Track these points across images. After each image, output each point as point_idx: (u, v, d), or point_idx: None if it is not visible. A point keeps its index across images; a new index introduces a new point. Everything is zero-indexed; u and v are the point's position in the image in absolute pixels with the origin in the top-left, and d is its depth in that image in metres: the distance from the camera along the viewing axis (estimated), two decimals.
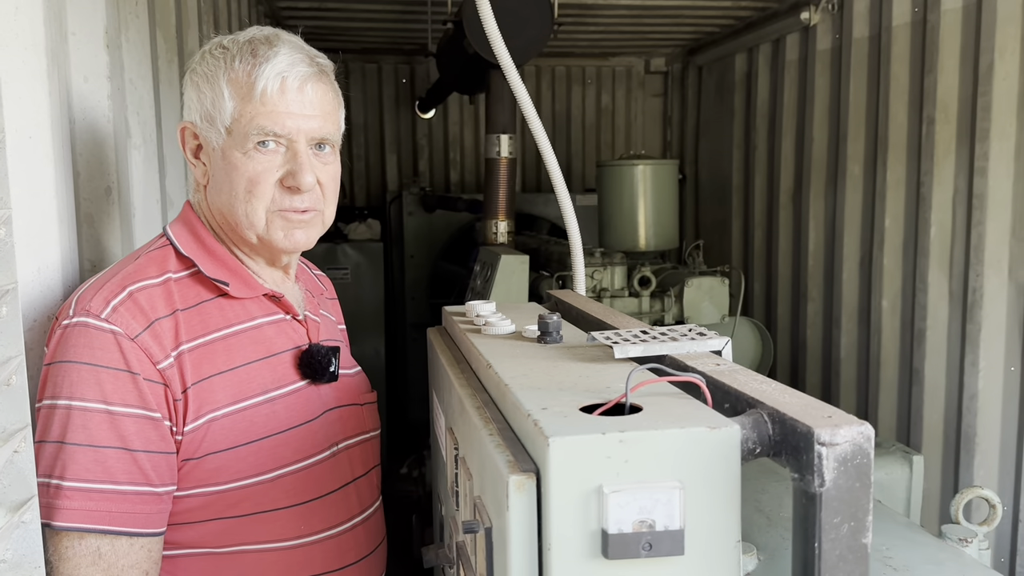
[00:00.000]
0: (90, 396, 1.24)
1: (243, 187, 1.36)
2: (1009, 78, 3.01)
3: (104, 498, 1.23)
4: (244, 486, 1.36)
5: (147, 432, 1.27)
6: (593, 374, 1.07)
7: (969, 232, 3.18)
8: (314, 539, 1.44)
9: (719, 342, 1.13)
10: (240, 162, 1.36)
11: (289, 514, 1.41)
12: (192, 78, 1.39)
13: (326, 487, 1.46)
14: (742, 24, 4.73)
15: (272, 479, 1.38)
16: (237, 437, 1.35)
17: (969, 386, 3.20)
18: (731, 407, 0.94)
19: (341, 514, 1.49)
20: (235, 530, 1.37)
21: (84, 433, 1.23)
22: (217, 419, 1.34)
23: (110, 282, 1.31)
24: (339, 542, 1.48)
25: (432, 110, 5.41)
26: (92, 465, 1.23)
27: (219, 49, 1.38)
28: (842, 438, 0.78)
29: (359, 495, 1.53)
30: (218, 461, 1.34)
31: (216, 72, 1.36)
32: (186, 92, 1.41)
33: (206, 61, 1.38)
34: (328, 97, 1.42)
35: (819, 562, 0.79)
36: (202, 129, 1.38)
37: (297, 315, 1.50)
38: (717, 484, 0.83)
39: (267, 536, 1.39)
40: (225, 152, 1.37)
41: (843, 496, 0.78)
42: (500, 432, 0.97)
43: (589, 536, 0.82)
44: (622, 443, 0.82)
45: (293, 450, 1.41)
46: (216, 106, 1.35)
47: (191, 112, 1.40)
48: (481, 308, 1.48)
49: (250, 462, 1.36)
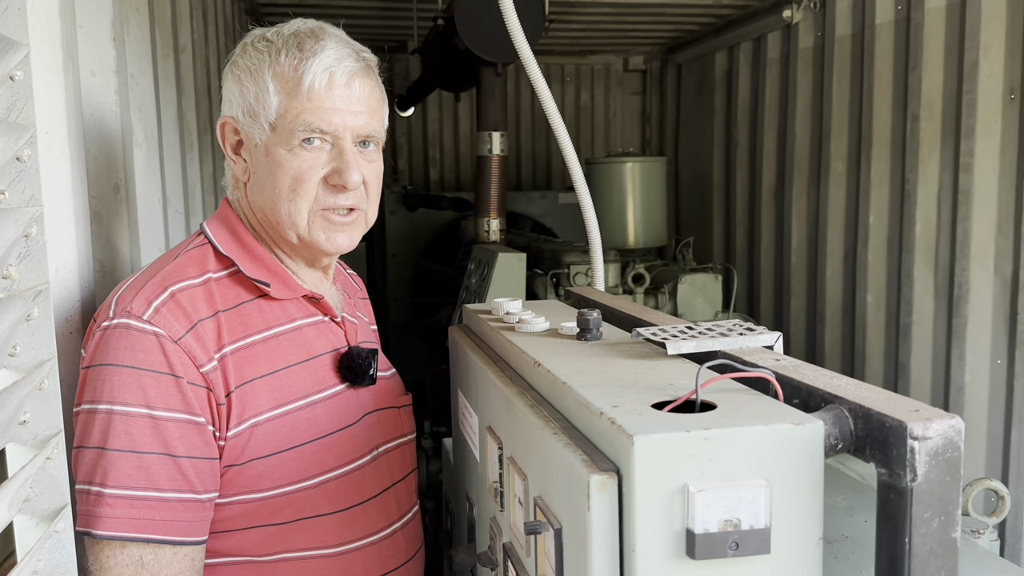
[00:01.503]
0: (132, 400, 1.20)
1: (287, 185, 1.32)
2: (994, 75, 3.05)
3: (147, 506, 1.19)
4: (286, 492, 1.33)
5: (191, 437, 1.23)
6: (650, 371, 1.05)
7: (955, 227, 3.22)
8: (356, 546, 1.41)
9: (771, 337, 1.12)
10: (284, 159, 1.32)
11: (331, 520, 1.38)
12: (233, 71, 1.35)
13: (368, 492, 1.44)
14: (723, 22, 4.75)
15: (315, 485, 1.35)
16: (279, 442, 1.32)
17: (956, 379, 3.25)
18: (802, 403, 0.93)
19: (382, 520, 1.46)
20: (277, 538, 1.34)
21: (126, 439, 1.19)
22: (260, 424, 1.30)
23: (151, 282, 1.27)
24: (380, 548, 1.45)
25: (412, 108, 5.37)
26: (135, 472, 1.19)
27: (262, 42, 1.33)
28: (934, 432, 0.77)
29: (398, 500, 1.51)
30: (260, 467, 1.30)
31: (260, 66, 1.32)
32: (226, 85, 1.36)
33: (248, 54, 1.33)
34: (375, 93, 1.40)
35: (910, 557, 0.78)
36: (244, 124, 1.34)
37: (336, 317, 1.47)
38: (801, 481, 0.82)
39: (309, 543, 1.36)
40: (269, 148, 1.33)
41: (934, 490, 0.77)
42: (565, 431, 0.95)
43: (674, 536, 0.81)
44: (707, 440, 0.80)
45: (335, 455, 1.38)
46: (260, 101, 1.31)
47: (231, 106, 1.35)
48: (509, 305, 1.46)
49: (292, 468, 1.33)
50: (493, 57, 3.10)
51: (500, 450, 1.19)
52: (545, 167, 5.80)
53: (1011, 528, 3.09)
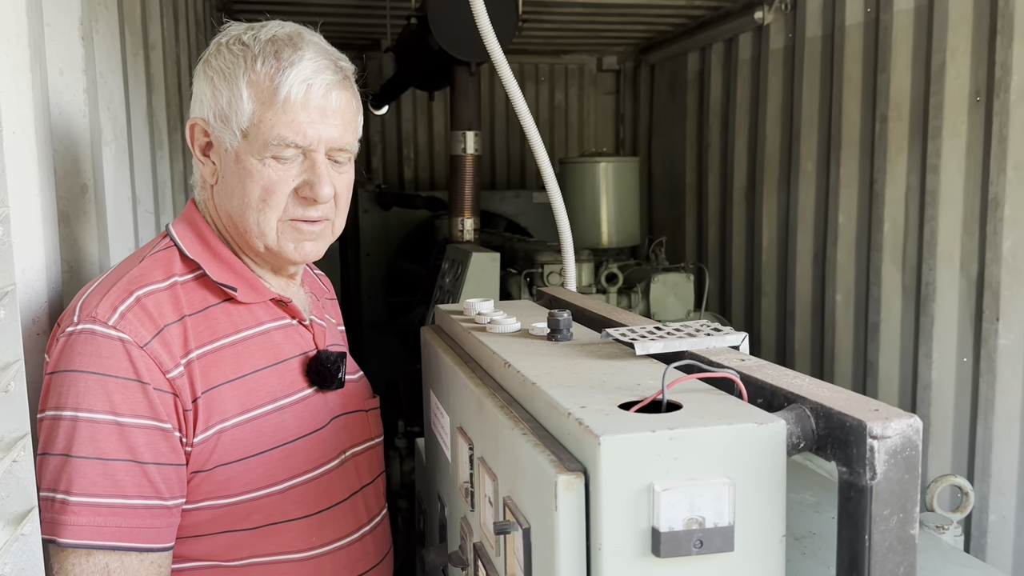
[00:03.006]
0: (98, 407, 1.18)
1: (257, 195, 1.30)
2: (960, 77, 3.10)
3: (113, 513, 1.18)
4: (254, 498, 1.32)
5: (157, 443, 1.22)
6: (618, 371, 1.06)
7: (922, 227, 3.27)
8: (325, 550, 1.41)
9: (737, 337, 1.14)
10: (256, 169, 1.29)
11: (300, 525, 1.37)
12: (206, 71, 1.32)
13: (336, 496, 1.43)
14: (695, 23, 4.79)
15: (283, 490, 1.35)
16: (247, 448, 1.31)
17: (923, 377, 3.30)
18: (765, 402, 0.95)
19: (351, 524, 1.45)
20: (245, 543, 1.33)
21: (92, 445, 1.18)
22: (226, 430, 1.29)
23: (116, 287, 1.25)
24: (349, 552, 1.44)
25: (386, 107, 5.35)
26: (100, 479, 1.18)
27: (238, 45, 1.30)
28: (893, 431, 0.79)
29: (367, 504, 1.51)
30: (228, 473, 1.30)
31: (235, 70, 1.29)
32: (197, 85, 1.34)
33: (223, 56, 1.30)
34: (351, 105, 1.37)
35: (869, 553, 0.80)
36: (215, 127, 1.31)
37: (304, 320, 1.46)
38: (764, 479, 0.84)
39: (278, 548, 1.35)
40: (239, 155, 1.30)
41: (893, 488, 0.79)
42: (534, 431, 0.96)
43: (639, 535, 0.82)
44: (672, 440, 0.82)
45: (303, 460, 1.37)
46: (233, 106, 1.29)
47: (202, 107, 1.33)
48: (481, 306, 1.46)
49: (260, 473, 1.32)
50: (466, 56, 3.11)
51: (471, 450, 1.20)
52: (520, 166, 5.82)
53: (976, 523, 3.15)
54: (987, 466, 3.09)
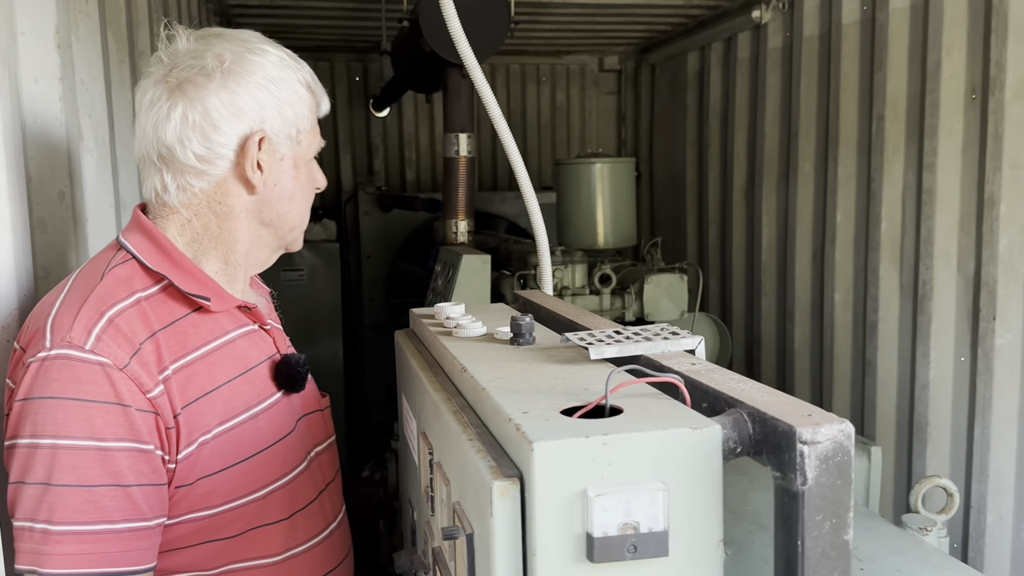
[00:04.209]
0: (79, 433, 1.17)
1: (308, 195, 1.48)
2: (956, 76, 3.08)
3: (99, 539, 1.18)
4: (237, 506, 1.33)
5: (139, 465, 1.22)
6: (570, 376, 1.07)
7: (919, 226, 3.25)
8: (300, 550, 1.43)
9: (692, 341, 1.14)
10: (309, 172, 1.47)
11: (278, 528, 1.39)
12: (254, 78, 1.34)
13: (307, 497, 1.45)
14: (694, 23, 4.77)
15: (263, 496, 1.36)
16: (227, 458, 1.32)
17: (921, 376, 3.28)
18: (709, 407, 0.94)
19: (320, 523, 1.48)
20: (226, 551, 1.34)
21: (74, 473, 1.17)
22: (207, 442, 1.30)
23: (84, 308, 1.23)
24: (320, 550, 1.47)
25: (387, 108, 5.37)
26: (84, 506, 1.17)
27: (272, 53, 1.37)
28: (823, 436, 0.78)
29: (332, 502, 1.53)
30: (210, 484, 1.30)
31: (285, 76, 1.37)
32: (255, 94, 1.33)
33: (260, 64, 1.35)
34: None
35: (802, 559, 0.80)
36: (275, 135, 1.37)
37: (265, 324, 1.47)
38: (699, 484, 0.84)
39: (257, 553, 1.37)
40: (296, 161, 1.42)
41: (825, 494, 0.79)
42: (480, 437, 0.97)
43: (574, 540, 0.82)
44: (606, 446, 0.82)
45: (279, 464, 1.39)
46: (296, 112, 1.39)
47: (259, 118, 1.34)
48: (451, 310, 1.47)
49: (241, 482, 1.33)
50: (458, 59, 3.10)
51: (431, 455, 1.20)
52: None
53: (974, 524, 3.12)
54: (985, 466, 3.06)
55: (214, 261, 1.40)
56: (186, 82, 1.32)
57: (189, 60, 1.34)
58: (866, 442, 2.47)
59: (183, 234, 1.38)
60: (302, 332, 4.91)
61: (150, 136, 1.34)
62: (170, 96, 1.32)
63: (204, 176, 1.35)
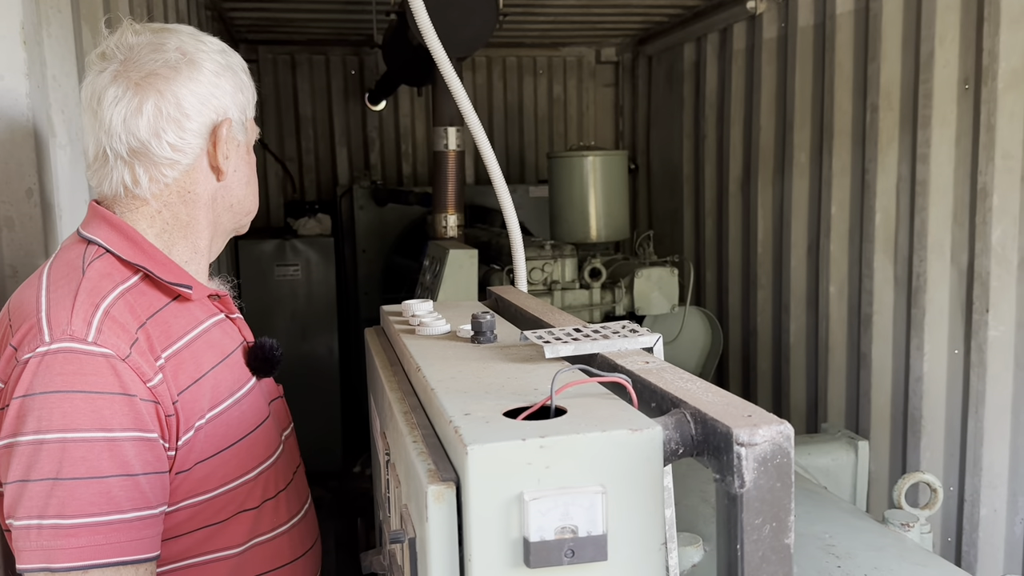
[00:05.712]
0: (88, 425, 1.17)
1: (253, 176, 1.50)
2: (949, 66, 3.05)
3: (112, 530, 1.18)
4: (229, 489, 1.36)
5: (145, 454, 1.22)
6: (522, 375, 1.05)
7: (912, 218, 3.22)
8: (282, 529, 1.47)
9: (650, 339, 1.12)
10: (252, 155, 1.49)
11: (264, 509, 1.43)
12: (219, 65, 1.38)
13: (287, 477, 1.50)
14: (690, 14, 4.74)
15: (253, 477, 1.40)
16: (219, 442, 1.34)
17: (915, 369, 3.25)
18: (657, 407, 0.93)
19: (297, 502, 1.52)
20: (218, 535, 1.36)
21: (84, 465, 1.16)
22: (202, 427, 1.32)
23: (78, 300, 1.23)
24: (300, 529, 1.51)
25: (383, 102, 5.34)
26: (96, 497, 1.17)
27: (212, 44, 1.39)
28: (761, 438, 0.77)
29: (303, 482, 1.57)
30: (206, 469, 1.32)
31: (233, 63, 1.41)
32: (215, 82, 1.37)
33: (222, 52, 1.40)
34: None
35: (742, 563, 0.78)
36: (237, 122, 1.42)
37: (232, 313, 1.49)
38: (640, 487, 0.82)
39: (247, 535, 1.40)
40: (247, 146, 1.47)
41: (764, 496, 0.77)
42: (425, 439, 0.95)
43: (511, 545, 0.81)
44: (543, 448, 0.80)
45: (264, 446, 1.43)
46: (248, 99, 1.44)
47: (226, 106, 1.39)
48: (417, 308, 1.45)
49: (233, 464, 1.36)
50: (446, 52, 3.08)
51: (387, 455, 1.19)
52: (519, 161, 5.78)
53: (968, 517, 3.10)
54: (978, 459, 3.04)
55: (183, 251, 1.41)
56: (152, 75, 1.32)
57: (150, 54, 1.34)
58: (853, 436, 2.46)
59: (152, 226, 1.39)
60: (297, 327, 4.91)
61: (118, 131, 1.33)
62: (137, 91, 1.32)
63: (176, 166, 1.36)
